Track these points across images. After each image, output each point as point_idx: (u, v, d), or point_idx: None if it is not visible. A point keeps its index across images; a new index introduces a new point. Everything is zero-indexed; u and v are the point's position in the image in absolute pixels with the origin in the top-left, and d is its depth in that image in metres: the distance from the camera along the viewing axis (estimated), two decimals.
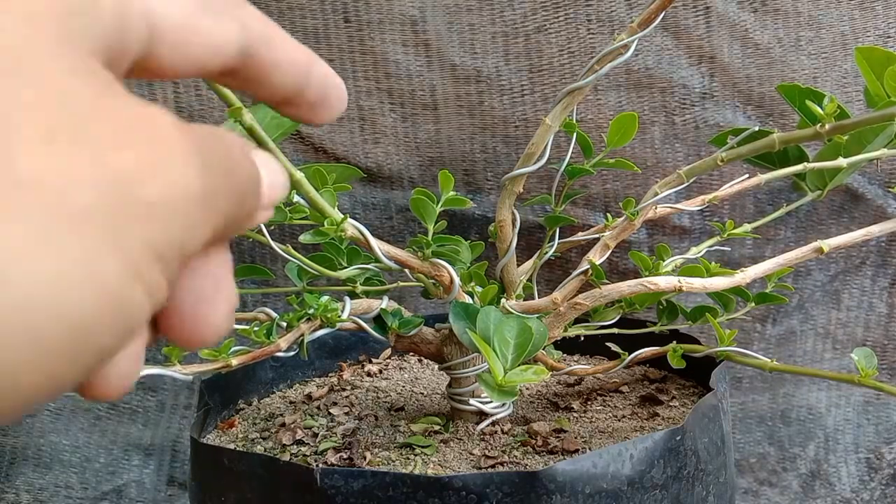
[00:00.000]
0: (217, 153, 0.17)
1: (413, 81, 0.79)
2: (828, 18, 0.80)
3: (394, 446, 0.50)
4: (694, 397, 0.56)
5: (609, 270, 0.78)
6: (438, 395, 0.59)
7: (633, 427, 0.51)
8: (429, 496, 0.39)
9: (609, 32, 0.78)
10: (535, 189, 0.79)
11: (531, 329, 0.45)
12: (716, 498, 0.46)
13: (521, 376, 0.43)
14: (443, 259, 0.48)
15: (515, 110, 0.80)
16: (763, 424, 0.85)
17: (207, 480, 0.48)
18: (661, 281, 0.50)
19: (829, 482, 0.82)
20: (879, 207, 0.83)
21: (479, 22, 0.78)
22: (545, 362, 0.55)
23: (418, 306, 0.78)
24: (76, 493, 0.81)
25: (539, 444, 0.49)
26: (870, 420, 0.86)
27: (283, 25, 0.77)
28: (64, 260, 0.13)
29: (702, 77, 0.80)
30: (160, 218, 0.15)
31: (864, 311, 0.86)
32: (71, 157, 0.14)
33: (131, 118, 0.15)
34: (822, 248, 0.52)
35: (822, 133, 0.41)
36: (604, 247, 0.53)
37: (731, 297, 0.59)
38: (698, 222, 0.82)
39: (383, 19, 0.78)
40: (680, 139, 0.81)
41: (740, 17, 0.79)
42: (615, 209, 0.79)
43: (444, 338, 0.51)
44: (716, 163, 0.45)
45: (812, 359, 0.86)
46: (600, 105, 0.80)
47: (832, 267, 0.85)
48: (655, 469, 0.41)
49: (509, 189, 0.52)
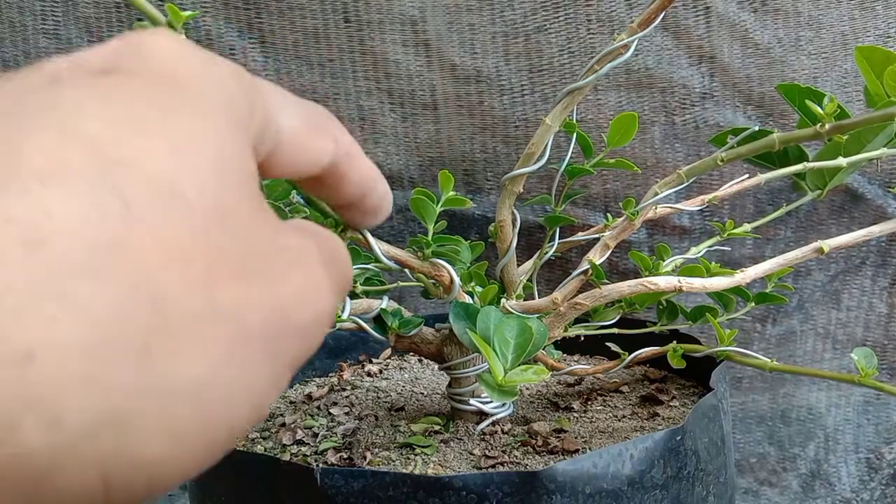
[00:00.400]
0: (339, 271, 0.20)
1: (413, 81, 0.79)
2: (828, 18, 0.80)
3: (394, 446, 0.50)
4: (694, 397, 0.56)
5: (609, 270, 0.78)
6: (438, 395, 0.59)
7: (633, 427, 0.51)
8: (429, 496, 0.39)
9: (609, 32, 0.78)
10: (535, 189, 0.79)
11: (531, 329, 0.45)
12: (716, 498, 0.46)
13: (521, 376, 0.43)
14: (443, 259, 0.48)
15: (515, 110, 0.80)
16: (763, 424, 0.85)
17: (207, 480, 0.48)
18: (661, 281, 0.50)
19: (829, 482, 0.82)
20: (879, 207, 0.83)
21: (479, 22, 0.78)
22: (545, 362, 0.55)
23: (418, 306, 0.78)
24: None
25: (539, 444, 0.49)
26: (870, 420, 0.86)
27: (284, 25, 0.77)
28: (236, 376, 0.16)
29: (702, 77, 0.80)
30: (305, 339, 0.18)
31: (864, 311, 0.86)
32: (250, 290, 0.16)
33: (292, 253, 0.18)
34: (822, 248, 0.52)
35: (821, 133, 0.41)
36: (604, 247, 0.53)
37: (731, 297, 0.59)
38: (698, 222, 0.82)
39: (383, 19, 0.78)
40: (680, 139, 0.81)
41: (740, 17, 0.79)
42: (615, 209, 0.79)
43: (444, 338, 0.51)
44: (716, 163, 0.45)
45: (812, 359, 0.86)
46: (600, 105, 0.80)
47: (832, 267, 0.85)
48: (655, 469, 0.41)
49: (509, 189, 0.52)
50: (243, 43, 0.78)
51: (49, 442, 0.14)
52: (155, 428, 0.15)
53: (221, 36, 0.77)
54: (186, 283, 0.15)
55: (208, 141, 0.17)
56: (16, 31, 0.76)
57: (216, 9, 0.77)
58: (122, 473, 0.15)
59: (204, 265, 0.15)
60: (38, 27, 0.76)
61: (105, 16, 0.76)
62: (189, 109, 0.17)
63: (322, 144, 0.22)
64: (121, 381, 0.14)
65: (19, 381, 0.13)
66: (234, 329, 0.16)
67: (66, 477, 0.14)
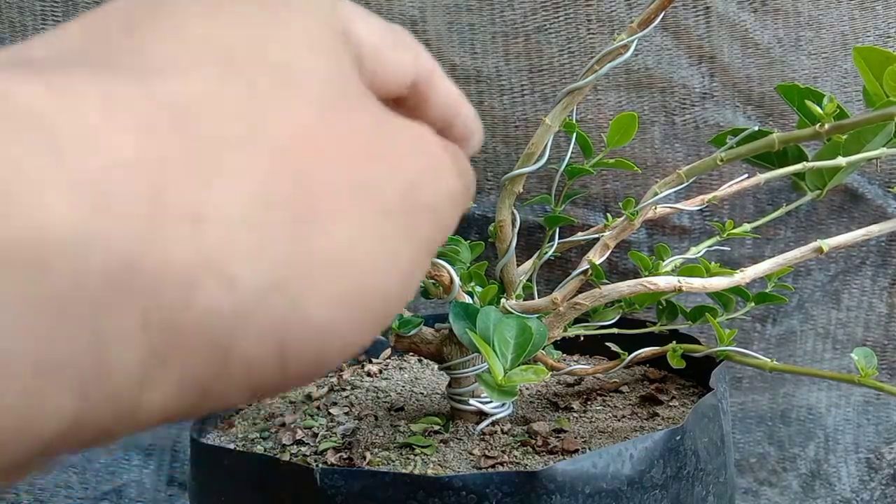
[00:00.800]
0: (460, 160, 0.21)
1: None
2: (828, 18, 0.80)
3: (394, 446, 0.50)
4: (694, 397, 0.56)
5: (609, 270, 0.78)
6: (438, 395, 0.59)
7: (632, 427, 0.51)
8: (429, 496, 0.39)
9: (609, 32, 0.78)
10: (535, 189, 0.79)
11: (531, 329, 0.45)
12: (716, 498, 0.46)
13: (521, 376, 0.43)
14: (443, 259, 0.48)
15: (515, 110, 0.80)
16: (763, 424, 0.85)
17: (207, 480, 0.48)
18: (660, 281, 0.50)
19: (829, 482, 0.82)
20: (879, 207, 0.83)
21: (479, 22, 0.79)
22: (545, 362, 0.55)
23: (418, 306, 0.78)
24: (76, 492, 0.81)
25: (539, 444, 0.49)
26: (870, 420, 0.86)
27: None
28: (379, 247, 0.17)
29: (702, 77, 0.80)
30: (436, 217, 0.19)
31: (864, 311, 0.86)
32: (380, 166, 0.17)
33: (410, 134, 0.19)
34: (822, 247, 0.52)
35: (821, 133, 0.41)
36: (604, 247, 0.53)
37: (730, 297, 0.59)
38: (698, 222, 0.82)
39: (383, 19, 0.78)
40: (680, 139, 0.81)
41: (740, 17, 0.79)
42: (615, 209, 0.79)
43: (444, 338, 0.51)
44: (715, 163, 0.45)
45: (812, 359, 0.86)
46: (600, 105, 0.80)
47: (832, 267, 0.85)
48: (655, 469, 0.41)
49: (509, 189, 0.52)
50: None
51: (231, 302, 0.14)
52: (319, 292, 0.15)
53: None
54: (321, 159, 0.16)
55: (312, 29, 0.18)
56: (16, 31, 0.76)
57: None
58: (296, 340, 0.15)
59: (334, 142, 0.16)
60: (38, 27, 0.76)
61: None
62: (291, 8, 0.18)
63: (403, 60, 0.22)
64: (280, 247, 0.15)
65: (192, 239, 0.14)
66: (371, 201, 0.17)
67: (248, 344, 0.14)
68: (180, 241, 0.13)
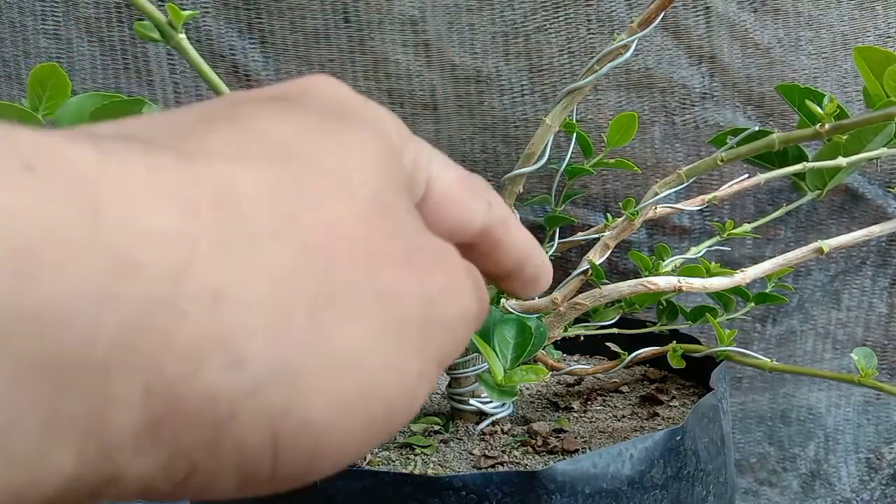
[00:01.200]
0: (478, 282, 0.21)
1: (413, 81, 0.79)
2: (828, 18, 0.80)
3: (394, 446, 0.50)
4: (694, 397, 0.56)
5: (609, 270, 0.78)
6: (438, 395, 0.59)
7: (632, 427, 0.51)
8: (429, 496, 0.39)
9: (609, 32, 0.78)
10: (535, 189, 0.79)
11: (531, 329, 0.45)
12: (716, 498, 0.46)
13: (521, 376, 0.43)
14: None
15: (515, 110, 0.80)
16: (763, 424, 0.85)
17: None
18: (660, 281, 0.50)
19: (829, 482, 0.82)
20: (879, 207, 0.82)
21: (479, 22, 0.78)
22: (545, 362, 0.55)
23: None
24: None
25: (539, 444, 0.49)
26: (870, 420, 0.86)
27: (284, 25, 0.77)
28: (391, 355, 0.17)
29: (702, 77, 0.80)
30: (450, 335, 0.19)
31: (864, 311, 0.86)
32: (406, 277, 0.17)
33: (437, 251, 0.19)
34: (822, 248, 0.52)
35: (821, 133, 0.41)
36: (604, 247, 0.53)
37: (731, 297, 0.59)
38: (698, 222, 0.82)
39: (383, 19, 0.78)
40: (680, 139, 0.81)
41: (740, 17, 0.79)
42: (615, 209, 0.79)
43: None
44: (716, 163, 0.45)
45: (812, 359, 0.86)
46: (600, 105, 0.80)
47: (832, 267, 0.85)
48: (655, 469, 0.41)
49: (509, 189, 0.52)
50: (243, 43, 0.78)
51: (231, 383, 0.14)
52: (321, 389, 0.15)
53: (221, 36, 0.77)
54: (352, 260, 0.16)
55: (369, 148, 0.18)
56: (16, 31, 0.76)
57: (216, 9, 0.77)
58: (290, 431, 0.15)
59: (366, 248, 0.17)
60: (38, 27, 0.76)
61: (105, 16, 0.76)
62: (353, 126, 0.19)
63: (474, 205, 0.22)
64: (292, 335, 0.15)
65: (208, 315, 0.14)
66: (392, 310, 0.17)
67: (242, 426, 0.15)
68: (196, 315, 0.14)
